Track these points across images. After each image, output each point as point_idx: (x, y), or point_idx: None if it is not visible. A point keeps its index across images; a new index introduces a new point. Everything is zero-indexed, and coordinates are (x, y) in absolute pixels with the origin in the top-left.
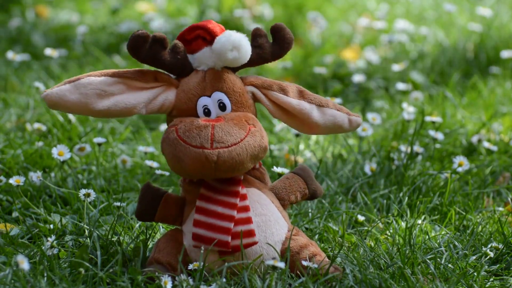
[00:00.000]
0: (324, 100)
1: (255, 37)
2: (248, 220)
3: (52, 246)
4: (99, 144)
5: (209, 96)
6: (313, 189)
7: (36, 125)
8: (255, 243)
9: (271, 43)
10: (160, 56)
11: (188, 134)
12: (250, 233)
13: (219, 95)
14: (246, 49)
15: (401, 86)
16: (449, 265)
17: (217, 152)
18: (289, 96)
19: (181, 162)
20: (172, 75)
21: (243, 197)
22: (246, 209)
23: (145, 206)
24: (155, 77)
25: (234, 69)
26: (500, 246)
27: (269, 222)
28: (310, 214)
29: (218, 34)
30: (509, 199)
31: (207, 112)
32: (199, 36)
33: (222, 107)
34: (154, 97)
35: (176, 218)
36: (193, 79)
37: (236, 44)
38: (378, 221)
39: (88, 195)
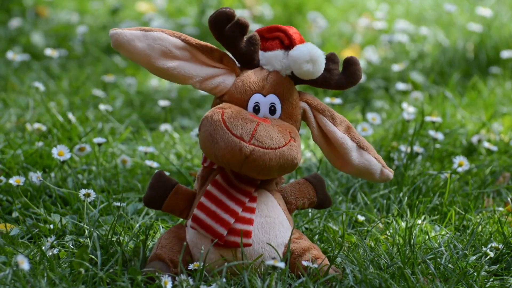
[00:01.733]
0: (366, 143)
1: (328, 60)
2: (250, 221)
3: (52, 246)
4: (99, 144)
5: (265, 96)
6: (322, 199)
7: (36, 125)
8: (249, 244)
9: (340, 72)
10: (236, 41)
11: (232, 121)
12: (247, 234)
13: (273, 99)
14: (320, 66)
15: (401, 86)
16: (449, 265)
17: (252, 148)
18: (337, 127)
19: (215, 144)
20: (237, 63)
21: (253, 199)
22: (251, 210)
23: (155, 194)
24: (221, 58)
25: (296, 82)
26: (500, 246)
27: (273, 224)
28: (310, 214)
29: (297, 42)
30: (509, 199)
31: (256, 109)
32: (278, 37)
33: (272, 110)
34: (212, 76)
35: (183, 211)
36: (256, 74)
37: (314, 57)
38: (378, 221)
39: (88, 195)
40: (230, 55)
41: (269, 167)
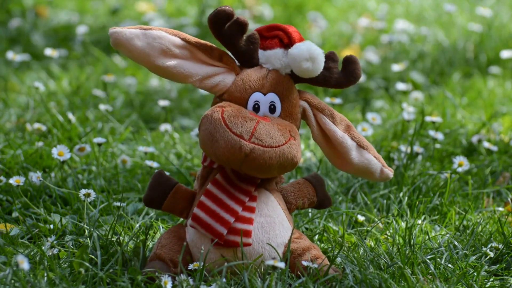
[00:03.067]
0: (366, 142)
1: (328, 59)
2: (250, 221)
3: (52, 246)
4: (99, 144)
5: (264, 94)
6: (322, 199)
7: (36, 125)
8: (249, 244)
9: (340, 71)
10: (236, 39)
11: (232, 119)
12: (247, 234)
13: (273, 97)
14: (320, 64)
15: (401, 86)
16: (449, 265)
17: (252, 146)
18: (336, 126)
19: (215, 143)
20: (237, 61)
21: (253, 199)
22: (251, 210)
23: (155, 194)
24: (221, 57)
25: (296, 80)
26: (500, 246)
27: (273, 223)
28: (310, 214)
29: (296, 41)
30: (509, 199)
31: (256, 108)
32: (277, 36)
33: (272, 109)
34: (212, 75)
35: (183, 211)
36: (255, 72)
37: (313, 55)
38: (378, 221)
39: (88, 195)
40: (230, 53)
41: (269, 166)
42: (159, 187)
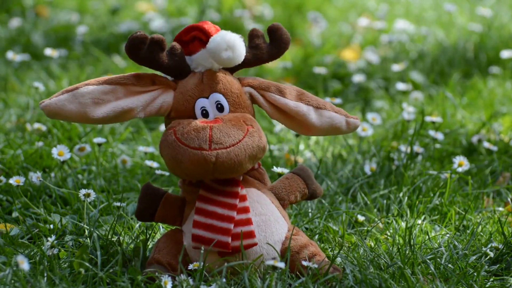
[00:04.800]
0: (322, 102)
1: (251, 37)
2: (248, 221)
3: (52, 246)
4: (99, 144)
5: (207, 98)
6: (313, 189)
7: (36, 125)
8: (255, 244)
9: (268, 43)
10: (158, 58)
11: (186, 136)
12: (250, 234)
13: (216, 97)
14: (240, 49)
15: (401, 86)
16: (449, 265)
17: (216, 153)
18: (287, 98)
19: (180, 164)
20: (169, 77)
21: (243, 198)
22: (246, 210)
23: (145, 206)
24: (152, 80)
25: (232, 70)
26: (500, 246)
27: (269, 221)
28: (310, 214)
29: (213, 34)
30: (509, 199)
31: (205, 114)
32: (196, 37)
33: (220, 108)
34: (152, 100)
35: (175, 218)
36: (190, 80)
37: (230, 44)
38: (378, 221)
39: (88, 195)
40: (160, 73)
41: (240, 163)
42: (148, 199)
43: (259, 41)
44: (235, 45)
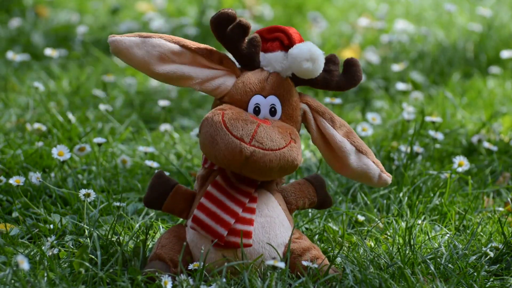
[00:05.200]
0: (366, 148)
1: (328, 62)
2: (250, 222)
3: (52, 246)
4: (99, 144)
5: (265, 97)
6: (323, 199)
7: (36, 125)
8: (249, 245)
9: (341, 74)
10: (238, 42)
11: (233, 122)
12: (247, 234)
13: (274, 100)
14: (320, 64)
15: (401, 86)
16: (449, 265)
17: (253, 149)
18: (336, 130)
19: (215, 145)
20: (237, 64)
21: (253, 200)
22: (252, 211)
23: (155, 194)
24: (221, 60)
25: (297, 83)
26: (500, 246)
27: (273, 224)
28: (310, 214)
29: (297, 42)
30: (509, 199)
31: (257, 111)
32: (278, 38)
33: (272, 112)
34: (212, 78)
35: (183, 211)
36: (256, 75)
37: (314, 56)
38: (378, 221)
39: (88, 195)
40: (231, 56)
41: (270, 169)
42: (159, 188)
43: (334, 68)
44: (317, 59)
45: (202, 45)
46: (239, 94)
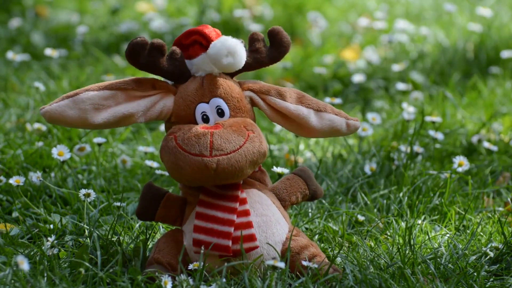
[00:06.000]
0: (323, 104)
1: (252, 41)
2: (249, 225)
3: (52, 246)
4: (99, 144)
5: (207, 103)
6: (314, 190)
7: (36, 125)
8: (256, 247)
9: (268, 47)
10: (159, 63)
11: (187, 142)
12: (251, 237)
13: (217, 101)
14: (241, 54)
15: (401, 86)
16: (449, 265)
17: (217, 159)
18: (287, 101)
19: (180, 170)
20: (170, 82)
21: (243, 201)
22: (246, 213)
23: (146, 206)
24: (153, 85)
25: (232, 74)
26: (500, 246)
27: (270, 222)
28: (310, 214)
29: (214, 39)
30: (509, 199)
31: (205, 119)
32: (196, 41)
33: (220, 113)
34: (152, 105)
35: (176, 219)
36: (191, 85)
37: (231, 49)
38: (378, 221)
39: (88, 195)
40: (160, 77)
41: (240, 169)
42: (150, 198)
43: (259, 44)
44: (236, 51)
45: (129, 79)
46: (183, 110)
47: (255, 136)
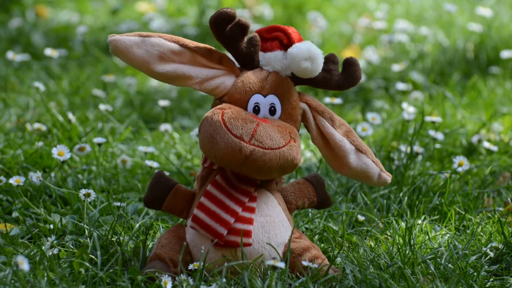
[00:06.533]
0: (365, 147)
1: (328, 61)
2: (250, 221)
3: (52, 246)
4: (99, 144)
5: (264, 96)
6: (322, 199)
7: (36, 125)
8: (249, 244)
9: (340, 73)
10: (237, 42)
11: (232, 121)
12: (247, 234)
13: (273, 99)
14: (319, 64)
15: (401, 86)
16: (449, 265)
17: (252, 148)
18: (336, 129)
19: (215, 145)
20: (237, 63)
21: (253, 199)
22: (251, 210)
23: (155, 194)
24: (220, 60)
25: (296, 82)
26: (500, 246)
27: (273, 223)
28: (310, 214)
29: (296, 41)
30: (509, 199)
31: (256, 110)
32: (277, 38)
33: (272, 111)
34: (212, 77)
35: (182, 211)
36: (255, 74)
37: (313, 55)
38: (378, 221)
39: (88, 195)
40: (230, 55)
41: (269, 168)
42: (159, 188)
43: (333, 67)
44: (316, 58)
45: (202, 45)
46: (239, 93)
47: (295, 145)
